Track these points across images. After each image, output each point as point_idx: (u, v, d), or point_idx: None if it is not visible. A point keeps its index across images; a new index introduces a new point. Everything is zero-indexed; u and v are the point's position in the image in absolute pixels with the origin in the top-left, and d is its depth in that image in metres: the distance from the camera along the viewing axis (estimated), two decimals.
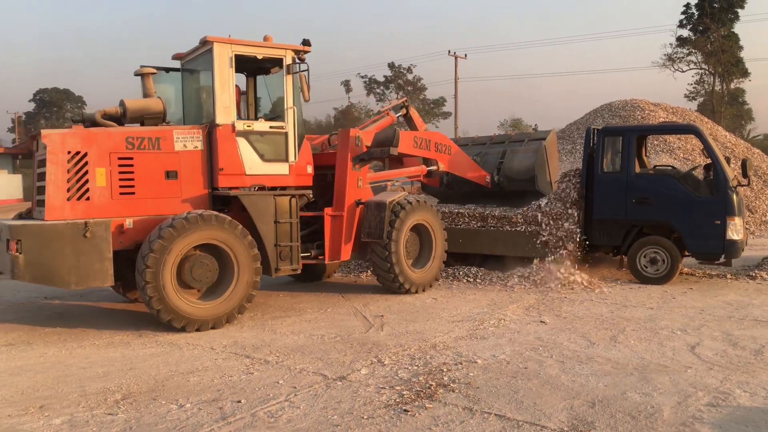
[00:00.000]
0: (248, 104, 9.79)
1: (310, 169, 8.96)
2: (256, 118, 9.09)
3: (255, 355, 6.51)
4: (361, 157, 9.54)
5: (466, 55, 49.66)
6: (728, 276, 10.75)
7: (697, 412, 4.78)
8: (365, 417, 4.76)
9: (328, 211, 9.28)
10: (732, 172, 10.18)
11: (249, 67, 9.34)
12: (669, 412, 4.80)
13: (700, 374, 5.68)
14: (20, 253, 6.85)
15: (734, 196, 9.74)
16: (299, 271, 8.83)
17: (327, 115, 69.02)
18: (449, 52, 48.52)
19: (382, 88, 70.52)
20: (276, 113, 9.10)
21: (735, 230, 9.70)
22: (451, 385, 5.43)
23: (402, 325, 7.70)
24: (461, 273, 11.01)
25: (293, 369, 5.99)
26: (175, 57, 9.13)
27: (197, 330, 7.49)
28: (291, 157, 8.64)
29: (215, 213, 7.70)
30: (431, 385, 5.43)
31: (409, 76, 69.74)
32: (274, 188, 8.57)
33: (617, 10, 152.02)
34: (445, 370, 5.85)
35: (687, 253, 10.24)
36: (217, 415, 4.85)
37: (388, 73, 70.28)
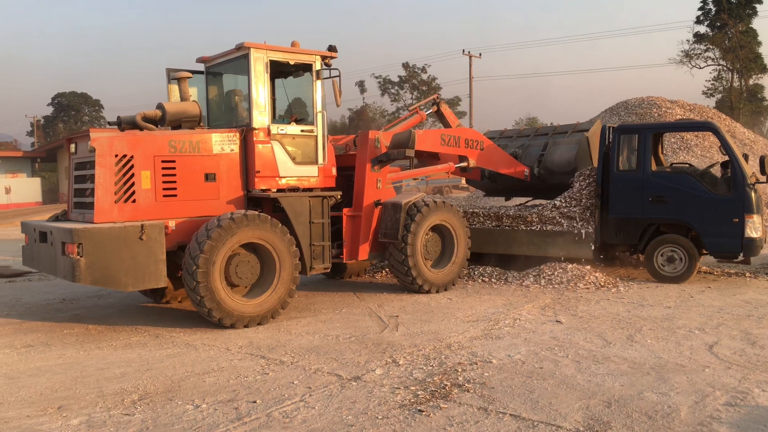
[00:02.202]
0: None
1: (334, 171, 9.15)
2: (275, 122, 9.18)
3: (270, 355, 6.54)
4: (380, 159, 9.61)
5: (480, 54, 49.61)
6: (747, 274, 10.63)
7: (715, 412, 4.73)
8: (380, 417, 4.77)
9: (346, 211, 9.42)
10: (750, 169, 10.06)
11: (271, 71, 9.43)
12: (686, 411, 4.75)
13: (718, 373, 5.62)
14: (81, 257, 6.94)
15: (752, 194, 9.63)
16: (329, 269, 9.07)
17: (342, 116, 69.19)
18: (464, 51, 48.43)
19: (396, 88, 70.53)
20: (300, 116, 9.25)
21: (754, 228, 9.59)
22: (466, 385, 5.42)
23: (417, 325, 7.69)
24: (476, 273, 10.98)
25: (308, 369, 6.01)
26: (200, 60, 9.27)
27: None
28: (320, 160, 8.86)
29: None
30: (446, 385, 5.43)
31: (424, 76, 69.70)
32: (304, 190, 8.77)
33: (634, 6, 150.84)
34: (459, 370, 5.84)
35: (705, 252, 10.13)
36: (233, 416, 4.87)
37: (403, 73, 70.30)
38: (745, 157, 10.24)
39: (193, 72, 9.21)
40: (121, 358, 6.55)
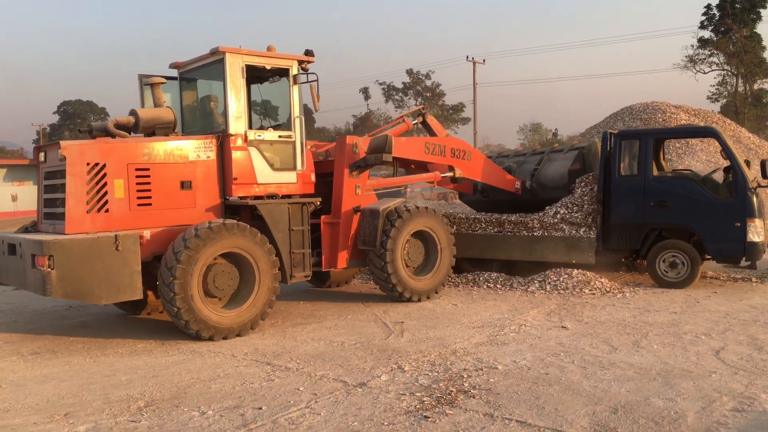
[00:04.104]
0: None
1: (313, 177, 8.99)
2: (251, 128, 8.96)
3: (276, 362, 6.54)
4: (358, 164, 9.43)
5: (484, 61, 49.67)
6: (753, 279, 10.60)
7: (722, 418, 4.72)
8: (386, 423, 4.76)
9: (324, 218, 9.21)
10: (752, 173, 10.05)
11: (248, 76, 9.24)
12: (693, 417, 4.74)
13: (725, 379, 5.60)
14: (52, 269, 6.69)
15: (754, 198, 9.62)
16: (310, 278, 8.90)
17: (346, 123, 69.38)
18: (467, 57, 48.44)
19: (400, 94, 70.71)
20: (275, 121, 9.11)
21: (756, 232, 9.57)
22: (472, 391, 5.42)
23: (422, 332, 7.69)
24: (482, 279, 10.96)
25: (314, 376, 6.01)
26: (173, 66, 9.08)
27: (224, 338, 7.50)
28: (299, 166, 8.69)
29: (236, 222, 7.75)
30: (452, 391, 5.42)
31: (428, 83, 69.86)
32: (283, 197, 8.59)
33: (638, 11, 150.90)
34: (465, 376, 5.84)
35: (707, 257, 10.11)
36: (239, 422, 4.88)
37: (407, 79, 70.47)
38: (747, 163, 10.22)
39: (167, 78, 8.98)
40: (127, 365, 6.56)
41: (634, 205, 10.36)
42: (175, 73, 9.24)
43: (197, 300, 7.34)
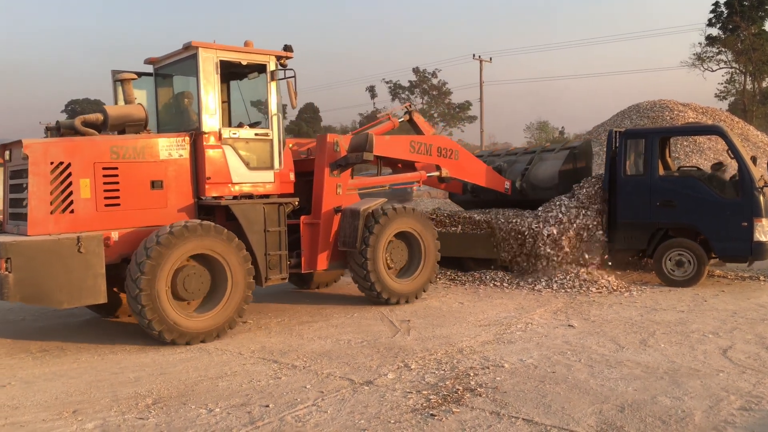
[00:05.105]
0: (223, 111, 9.26)
1: (292, 176, 8.70)
2: (231, 125, 8.72)
3: (282, 360, 6.56)
4: (339, 163, 9.16)
5: (491, 59, 49.60)
6: (761, 278, 10.56)
7: (729, 417, 4.71)
8: (392, 421, 4.77)
9: (304, 218, 8.94)
10: (759, 172, 10.01)
11: (224, 72, 8.77)
12: (700, 416, 4.73)
13: (732, 378, 5.58)
14: (10, 272, 6.43)
15: (761, 197, 9.58)
16: (287, 280, 8.71)
17: (353, 121, 69.39)
18: (474, 55, 48.41)
19: (407, 93, 70.64)
20: (253, 120, 8.83)
21: (763, 231, 9.53)
22: (478, 389, 5.42)
23: (428, 330, 7.69)
24: (488, 277, 10.96)
25: (320, 374, 6.03)
26: (148, 61, 8.82)
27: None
28: (276, 165, 8.42)
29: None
30: (458, 389, 5.43)
31: (434, 81, 69.79)
32: (260, 196, 8.34)
33: (645, 9, 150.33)
34: (472, 374, 5.84)
35: (714, 256, 10.08)
36: (246, 420, 4.90)
37: (413, 77, 70.41)
38: (754, 159, 10.18)
39: (142, 74, 8.75)
40: (135, 363, 6.60)
41: (640, 204, 10.33)
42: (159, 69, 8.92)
43: (164, 299, 7.05)
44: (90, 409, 5.22)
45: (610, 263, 10.69)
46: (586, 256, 10.46)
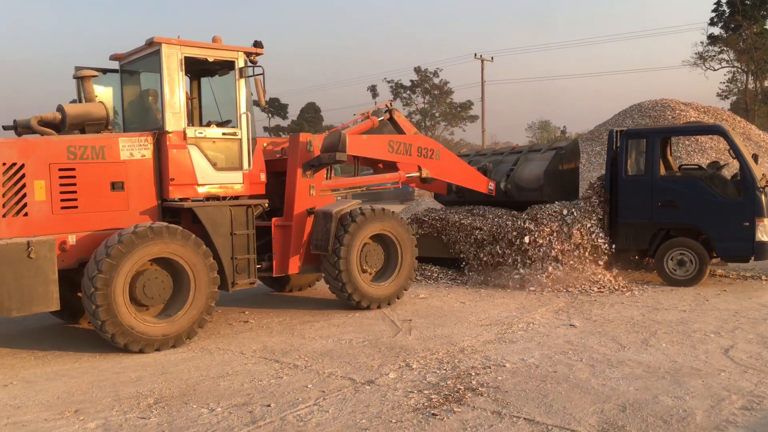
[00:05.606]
0: (193, 108, 9.09)
1: (263, 177, 8.43)
2: (201, 124, 8.54)
3: (284, 359, 6.57)
4: (312, 164, 8.82)
5: (492, 58, 49.46)
6: (763, 278, 10.55)
7: (731, 416, 4.70)
8: (393, 421, 4.78)
9: (276, 221, 8.63)
10: (760, 171, 10.00)
11: (194, 69, 8.76)
12: (702, 416, 4.73)
13: (734, 377, 5.58)
14: None
15: (763, 197, 9.56)
16: (255, 285, 8.39)
17: (354, 121, 69.31)
18: (475, 55, 48.32)
19: (408, 92, 70.66)
20: (224, 118, 8.53)
21: (765, 231, 9.52)
22: (480, 389, 5.42)
23: (430, 329, 7.70)
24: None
25: (322, 373, 6.03)
26: (114, 57, 8.49)
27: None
28: (245, 165, 8.15)
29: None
30: (459, 389, 5.43)
31: (436, 80, 69.79)
32: (227, 198, 8.10)
33: (647, 8, 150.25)
34: (473, 374, 5.84)
35: (715, 255, 10.06)
36: (247, 419, 4.91)
37: (415, 77, 70.42)
38: (755, 157, 10.16)
39: (107, 70, 8.47)
40: (136, 362, 6.60)
41: (641, 204, 10.32)
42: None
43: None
44: (92, 409, 5.23)
45: (611, 263, 10.67)
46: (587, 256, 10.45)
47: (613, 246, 10.49)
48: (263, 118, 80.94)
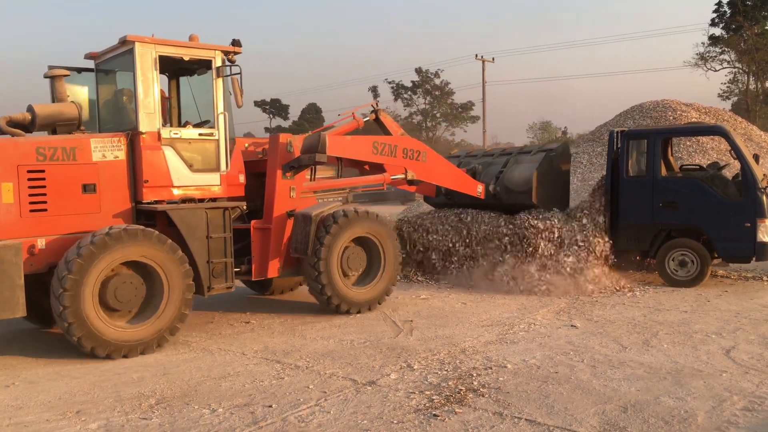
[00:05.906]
0: (171, 108, 8.93)
1: (242, 179, 8.21)
2: (180, 124, 8.38)
3: (285, 360, 6.57)
4: (292, 165, 8.59)
5: (493, 59, 49.43)
6: (764, 278, 10.55)
7: (733, 417, 4.70)
8: (395, 422, 4.78)
9: (255, 223, 8.42)
10: (761, 172, 9.99)
11: (172, 68, 8.58)
12: (703, 416, 4.73)
13: (736, 378, 5.58)
14: None
15: (764, 198, 9.56)
16: (233, 289, 8.16)
17: None
18: (476, 55, 48.30)
19: (409, 93, 70.69)
20: (203, 118, 8.36)
21: (766, 232, 9.52)
22: (481, 389, 5.42)
23: (431, 330, 7.70)
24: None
25: (323, 374, 6.03)
26: (88, 56, 8.30)
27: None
28: (222, 167, 7.93)
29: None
30: (461, 389, 5.43)
31: (437, 81, 69.82)
32: (204, 200, 7.90)
33: (648, 9, 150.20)
34: (474, 374, 5.85)
35: (716, 256, 10.06)
36: (249, 420, 4.91)
37: (416, 78, 70.45)
38: (756, 157, 10.16)
39: (83, 69, 8.28)
40: (138, 363, 6.61)
41: (642, 205, 10.31)
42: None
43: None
44: (93, 409, 5.24)
45: (612, 264, 10.67)
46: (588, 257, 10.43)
47: (615, 246, 10.49)
48: (264, 119, 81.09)
